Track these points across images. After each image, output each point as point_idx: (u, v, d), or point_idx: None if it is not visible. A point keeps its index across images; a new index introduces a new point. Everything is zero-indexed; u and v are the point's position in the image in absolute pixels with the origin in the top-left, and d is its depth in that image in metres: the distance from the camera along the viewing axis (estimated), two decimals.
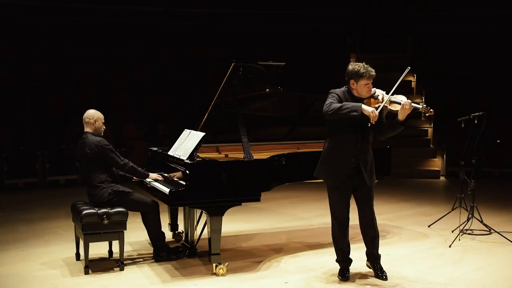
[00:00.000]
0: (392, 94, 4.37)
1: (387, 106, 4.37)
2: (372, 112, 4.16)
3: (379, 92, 4.44)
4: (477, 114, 5.98)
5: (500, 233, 5.91)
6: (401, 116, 4.31)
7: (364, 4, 13.96)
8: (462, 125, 6.12)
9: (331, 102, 4.30)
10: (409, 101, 4.28)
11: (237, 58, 5.07)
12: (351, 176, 4.45)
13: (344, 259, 4.66)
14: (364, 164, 4.44)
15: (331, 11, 13.90)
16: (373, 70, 4.38)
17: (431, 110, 4.31)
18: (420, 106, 4.33)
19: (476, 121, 5.95)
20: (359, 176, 4.45)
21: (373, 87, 4.43)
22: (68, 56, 11.83)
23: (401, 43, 13.76)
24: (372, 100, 4.41)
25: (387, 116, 4.53)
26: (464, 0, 13.33)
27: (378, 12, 13.92)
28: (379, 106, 4.28)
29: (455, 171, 9.38)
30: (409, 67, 4.51)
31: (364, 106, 4.19)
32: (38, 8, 12.16)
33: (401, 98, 4.37)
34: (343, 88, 4.47)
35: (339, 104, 4.24)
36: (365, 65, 4.39)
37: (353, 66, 4.40)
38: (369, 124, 4.20)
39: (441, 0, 13.64)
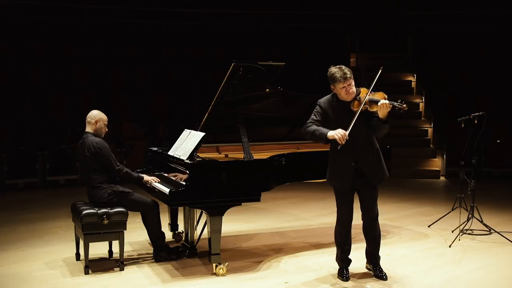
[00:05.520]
0: (372, 91, 4.29)
1: (367, 108, 4.27)
2: (336, 134, 4.16)
3: (362, 93, 4.32)
4: (477, 114, 5.98)
5: (500, 233, 5.91)
6: (381, 115, 4.23)
7: (364, 4, 13.96)
8: (462, 125, 6.12)
9: (309, 121, 4.39)
10: (386, 101, 4.16)
11: (237, 58, 5.07)
12: (355, 178, 4.44)
13: (344, 259, 4.66)
14: (366, 164, 4.42)
15: (331, 11, 13.90)
16: (349, 72, 4.29)
17: (405, 105, 4.17)
18: (396, 103, 4.18)
19: (476, 121, 5.95)
20: (363, 177, 4.44)
21: (357, 87, 4.37)
22: (68, 56, 11.83)
23: (401, 43, 13.76)
24: (355, 102, 4.33)
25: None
26: (464, 0, 13.34)
27: (378, 12, 13.92)
28: (354, 115, 4.23)
29: (455, 171, 9.39)
30: (382, 67, 4.45)
31: (329, 133, 4.21)
32: (38, 8, 12.16)
33: (379, 97, 4.25)
34: (329, 96, 4.47)
35: (313, 128, 4.33)
36: (341, 67, 4.31)
37: (329, 71, 4.35)
38: (339, 146, 4.17)
39: (441, 0, 13.65)
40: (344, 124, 4.28)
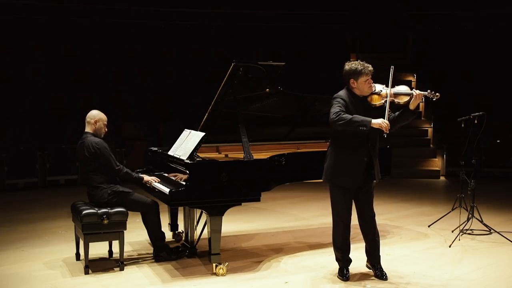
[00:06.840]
0: (393, 87, 4.39)
1: (393, 100, 4.38)
2: (382, 123, 4.16)
3: (380, 87, 4.43)
4: (477, 114, 5.98)
5: (500, 233, 5.91)
6: (412, 106, 4.35)
7: (364, 4, 13.96)
8: (462, 125, 6.12)
9: (339, 111, 4.24)
10: (418, 90, 4.34)
11: (237, 58, 5.07)
12: (364, 174, 4.45)
13: (344, 259, 4.65)
14: (375, 159, 4.45)
15: (331, 11, 13.91)
16: (370, 65, 4.39)
17: (437, 94, 4.37)
18: (427, 93, 4.38)
19: (476, 121, 5.96)
20: (370, 172, 4.46)
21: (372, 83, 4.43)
22: (68, 56, 11.83)
23: (401, 43, 13.76)
24: (375, 96, 4.40)
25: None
26: (464, 0, 13.34)
27: (378, 12, 13.91)
28: (385, 108, 4.28)
29: (455, 171, 9.40)
30: (393, 66, 4.46)
31: (374, 121, 4.17)
32: (38, 8, 12.17)
33: (404, 89, 4.41)
34: (344, 90, 4.46)
35: (349, 116, 4.20)
36: (361, 62, 4.40)
37: (349, 65, 4.40)
38: (384, 134, 4.20)
39: (441, 0, 13.65)
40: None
